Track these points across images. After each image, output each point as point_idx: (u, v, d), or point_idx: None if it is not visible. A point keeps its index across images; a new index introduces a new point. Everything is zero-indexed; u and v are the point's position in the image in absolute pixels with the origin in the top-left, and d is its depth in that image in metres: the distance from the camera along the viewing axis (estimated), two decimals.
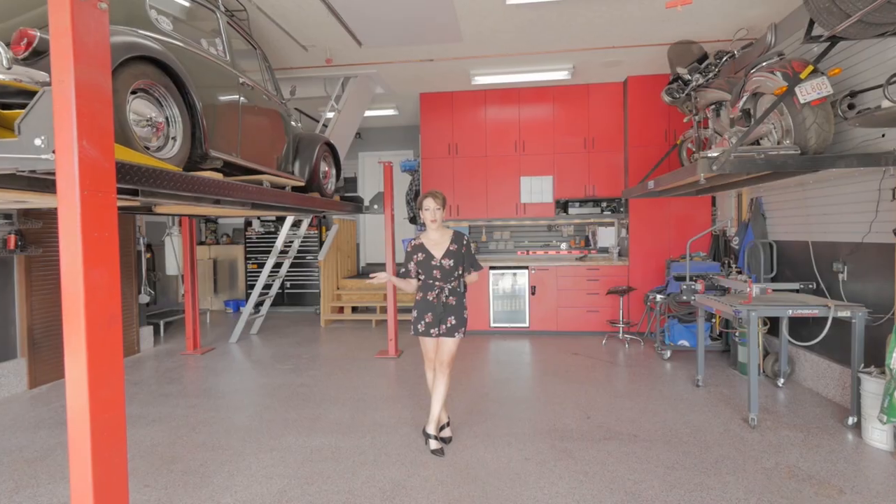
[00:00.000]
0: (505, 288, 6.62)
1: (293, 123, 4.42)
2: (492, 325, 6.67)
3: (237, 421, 3.75)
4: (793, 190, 4.49)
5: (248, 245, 8.84)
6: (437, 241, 3.23)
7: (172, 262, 6.32)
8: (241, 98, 3.49)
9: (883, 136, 3.34)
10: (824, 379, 4.08)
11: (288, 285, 8.66)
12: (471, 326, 6.66)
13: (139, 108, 2.52)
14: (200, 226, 9.47)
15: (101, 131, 1.59)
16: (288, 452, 3.19)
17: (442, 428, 3.33)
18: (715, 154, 3.42)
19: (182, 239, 5.78)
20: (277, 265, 7.79)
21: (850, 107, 3.50)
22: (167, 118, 2.72)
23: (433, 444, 3.15)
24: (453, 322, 3.17)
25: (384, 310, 7.86)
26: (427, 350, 3.30)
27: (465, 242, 3.24)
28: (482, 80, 6.16)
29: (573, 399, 4.10)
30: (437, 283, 3.19)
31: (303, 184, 4.18)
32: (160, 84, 2.63)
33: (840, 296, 3.86)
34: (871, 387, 3.14)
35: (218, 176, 2.89)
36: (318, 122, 6.70)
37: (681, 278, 4.89)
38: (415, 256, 3.24)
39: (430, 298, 3.18)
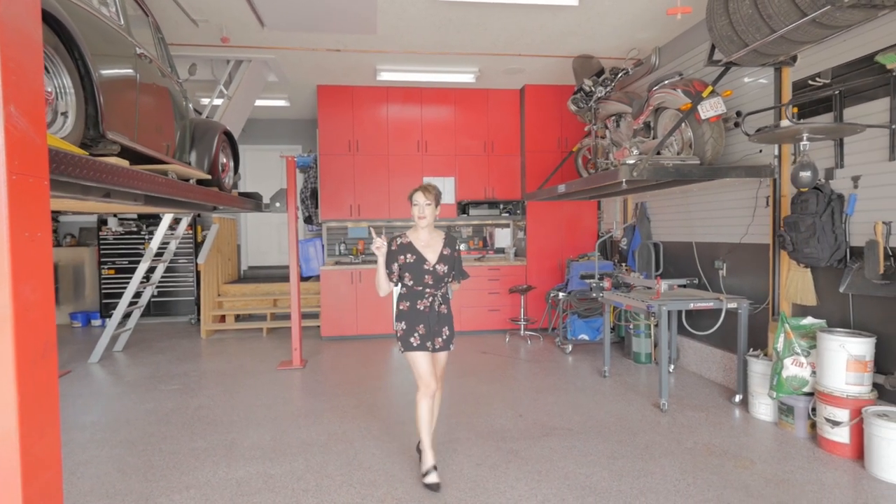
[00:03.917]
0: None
1: (189, 107, 3.85)
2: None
3: (130, 458, 3.13)
4: (676, 196, 5.05)
5: (102, 247, 7.54)
6: (429, 243, 2.83)
7: None
8: (138, 72, 2.92)
9: (760, 151, 3.89)
10: (707, 363, 4.65)
11: (155, 293, 7.56)
12: (371, 330, 6.46)
13: None
14: None
15: (33, 96, 1.17)
16: (209, 488, 2.74)
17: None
18: (633, 162, 3.70)
19: None
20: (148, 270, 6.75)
21: (736, 125, 4.03)
22: (56, 88, 2.16)
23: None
24: (448, 333, 2.86)
25: (276, 317, 7.26)
26: (422, 368, 2.76)
27: (457, 247, 2.92)
28: (388, 76, 5.97)
29: (499, 398, 4.15)
30: (427, 289, 2.80)
31: (208, 177, 3.65)
32: (48, 44, 2.07)
33: (720, 289, 4.42)
34: (759, 368, 3.64)
35: (124, 163, 2.37)
36: (199, 112, 5.92)
37: (587, 276, 5.23)
38: (401, 257, 2.79)
39: (422, 308, 2.79)
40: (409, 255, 2.79)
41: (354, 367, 5.19)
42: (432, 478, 2.71)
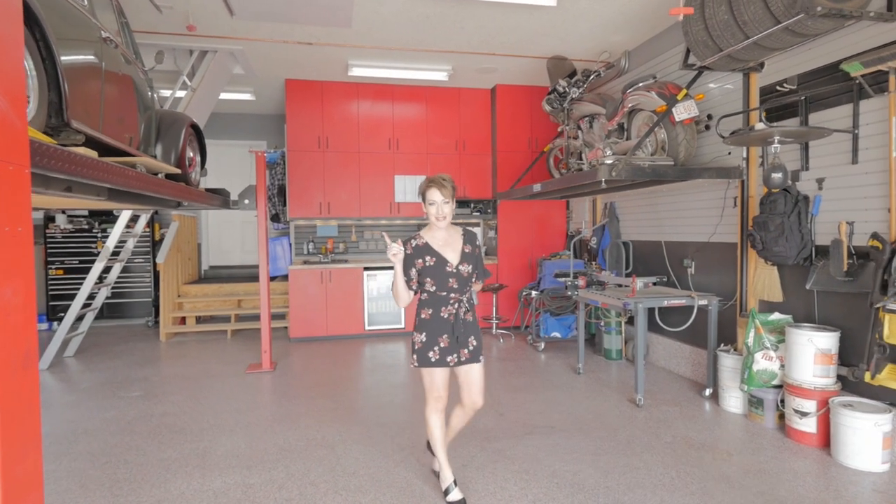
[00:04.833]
0: (380, 288, 6.41)
1: (155, 97, 3.64)
2: (367, 327, 6.40)
3: (92, 472, 2.92)
4: (645, 196, 5.17)
5: (50, 246, 7.07)
6: (448, 242, 2.57)
7: None
8: (104, 57, 2.73)
9: (729, 154, 4.03)
10: (675, 358, 4.78)
11: (109, 294, 7.14)
12: (344, 330, 6.32)
13: None
14: None
15: (13, 75, 1.05)
16: (183, 501, 2.59)
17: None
18: (611, 162, 3.75)
19: None
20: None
21: (707, 127, 4.15)
22: None
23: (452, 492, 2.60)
24: (475, 343, 2.57)
25: (240, 318, 7.01)
26: (436, 385, 2.53)
27: (477, 243, 2.65)
28: (360, 71, 5.85)
29: None
30: (452, 294, 2.53)
31: (178, 171, 3.46)
32: None
33: (689, 286, 4.55)
34: (729, 362, 3.76)
35: (93, 154, 2.20)
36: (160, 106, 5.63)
37: (561, 275, 5.28)
38: (418, 260, 2.51)
39: (446, 316, 2.52)
40: (428, 258, 2.51)
41: (327, 368, 5.06)
42: (455, 495, 2.52)
